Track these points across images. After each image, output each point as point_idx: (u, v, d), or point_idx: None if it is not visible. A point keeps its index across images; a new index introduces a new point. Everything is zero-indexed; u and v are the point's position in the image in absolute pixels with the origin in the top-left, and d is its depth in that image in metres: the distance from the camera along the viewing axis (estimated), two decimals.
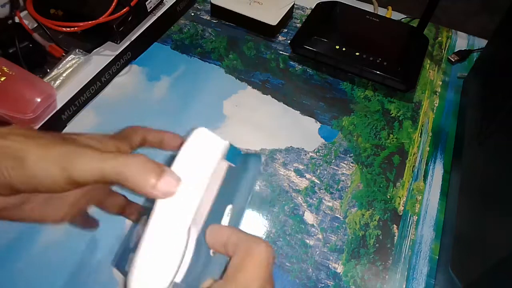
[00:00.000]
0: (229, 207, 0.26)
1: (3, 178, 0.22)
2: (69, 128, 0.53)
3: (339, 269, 0.45)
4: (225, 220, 0.26)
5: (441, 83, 0.64)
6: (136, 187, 0.22)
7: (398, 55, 0.61)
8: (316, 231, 0.47)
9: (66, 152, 0.22)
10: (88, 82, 0.54)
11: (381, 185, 0.51)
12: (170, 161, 0.25)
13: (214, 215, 0.25)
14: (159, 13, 0.63)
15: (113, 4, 0.55)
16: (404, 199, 0.50)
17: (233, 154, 0.25)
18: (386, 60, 0.59)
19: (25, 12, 0.57)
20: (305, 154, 0.54)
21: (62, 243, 0.43)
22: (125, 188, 0.23)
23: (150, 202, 0.24)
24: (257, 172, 0.27)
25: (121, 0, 0.56)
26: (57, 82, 0.52)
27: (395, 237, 0.47)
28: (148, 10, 0.62)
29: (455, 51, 0.67)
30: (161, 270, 0.22)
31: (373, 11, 0.71)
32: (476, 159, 0.45)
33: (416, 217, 0.49)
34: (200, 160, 0.24)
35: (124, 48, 0.58)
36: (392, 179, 0.52)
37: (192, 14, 0.70)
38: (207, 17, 0.70)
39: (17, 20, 0.55)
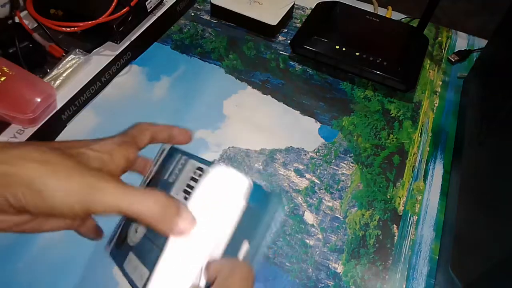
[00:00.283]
0: (246, 242, 0.26)
1: (19, 204, 0.22)
2: (69, 128, 0.53)
3: (339, 269, 0.45)
4: (241, 255, 0.26)
5: (441, 83, 0.64)
6: (152, 226, 0.23)
7: (398, 55, 0.61)
8: (316, 231, 0.47)
9: (85, 186, 0.22)
10: (88, 82, 0.54)
11: (381, 185, 0.51)
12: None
13: (230, 250, 0.26)
14: (159, 13, 0.63)
15: (113, 4, 0.55)
16: (404, 199, 0.50)
17: (254, 191, 0.25)
18: (386, 60, 0.59)
19: (25, 12, 0.57)
20: (305, 154, 0.54)
21: (62, 243, 0.43)
22: (142, 224, 0.23)
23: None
24: (278, 212, 0.28)
25: (121, 0, 0.56)
26: (57, 82, 0.52)
27: (395, 237, 0.47)
28: (148, 10, 0.62)
29: (455, 51, 0.67)
30: None
31: (373, 11, 0.71)
32: (476, 159, 0.45)
33: (416, 217, 0.49)
34: (220, 199, 0.25)
35: (124, 48, 0.58)
36: (392, 179, 0.52)
37: (192, 14, 0.70)
38: (207, 17, 0.70)
39: (17, 20, 0.55)
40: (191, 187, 0.27)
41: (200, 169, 0.28)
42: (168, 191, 0.29)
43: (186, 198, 0.27)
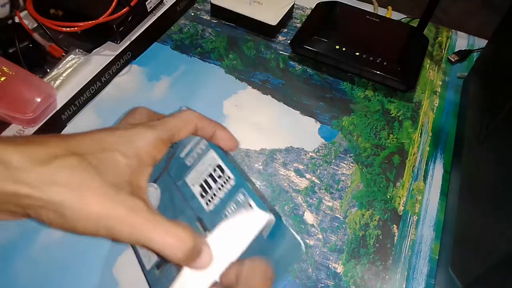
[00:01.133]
0: None
1: (42, 221, 0.22)
2: (69, 128, 0.53)
3: (339, 269, 0.45)
4: None
5: (441, 83, 0.64)
6: (174, 261, 0.23)
7: (398, 55, 0.61)
8: (316, 231, 0.47)
9: (112, 217, 0.22)
10: (88, 82, 0.54)
11: (381, 185, 0.51)
12: None
13: None
14: (159, 13, 0.63)
15: (113, 4, 0.55)
16: (404, 199, 0.50)
17: (275, 228, 0.25)
18: (386, 60, 0.59)
19: (25, 12, 0.57)
20: (305, 154, 0.54)
21: (62, 243, 0.43)
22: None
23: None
24: (295, 257, 0.28)
25: (121, 0, 0.56)
26: (57, 82, 0.52)
27: (395, 237, 0.47)
28: (148, 10, 0.62)
29: (455, 51, 0.67)
30: None
31: (373, 11, 0.71)
32: (476, 159, 0.45)
33: (416, 217, 0.49)
34: (237, 235, 0.25)
35: (124, 48, 0.58)
36: (392, 179, 0.52)
37: (192, 14, 0.70)
38: (207, 17, 0.70)
39: (17, 20, 0.55)
40: (209, 186, 0.27)
41: (220, 168, 0.28)
42: (184, 175, 0.29)
43: (202, 196, 0.27)
